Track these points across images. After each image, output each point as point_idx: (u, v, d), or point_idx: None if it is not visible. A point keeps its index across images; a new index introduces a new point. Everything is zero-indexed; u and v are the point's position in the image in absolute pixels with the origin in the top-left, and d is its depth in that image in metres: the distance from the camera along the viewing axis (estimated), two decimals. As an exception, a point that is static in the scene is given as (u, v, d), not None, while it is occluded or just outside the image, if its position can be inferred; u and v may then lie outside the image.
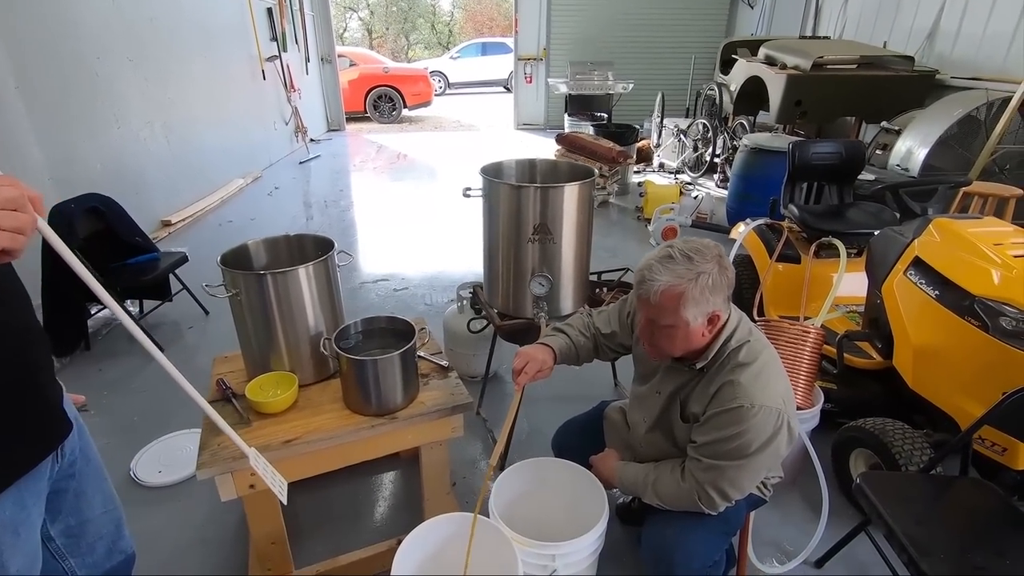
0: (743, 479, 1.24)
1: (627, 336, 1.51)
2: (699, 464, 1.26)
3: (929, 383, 1.84)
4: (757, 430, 1.17)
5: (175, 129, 4.84)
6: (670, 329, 1.19)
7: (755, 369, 1.20)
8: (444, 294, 3.55)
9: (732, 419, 1.18)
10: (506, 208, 1.75)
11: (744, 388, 1.18)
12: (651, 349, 1.30)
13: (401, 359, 1.46)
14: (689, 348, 1.24)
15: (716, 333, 1.24)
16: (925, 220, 2.02)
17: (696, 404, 1.28)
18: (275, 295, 1.50)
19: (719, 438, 1.21)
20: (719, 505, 1.27)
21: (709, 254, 1.17)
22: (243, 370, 1.66)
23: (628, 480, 1.42)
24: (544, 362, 1.43)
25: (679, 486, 1.30)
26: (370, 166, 7.12)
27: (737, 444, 1.19)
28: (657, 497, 1.34)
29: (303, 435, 1.42)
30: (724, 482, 1.23)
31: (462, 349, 2.53)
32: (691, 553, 1.29)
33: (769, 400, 1.17)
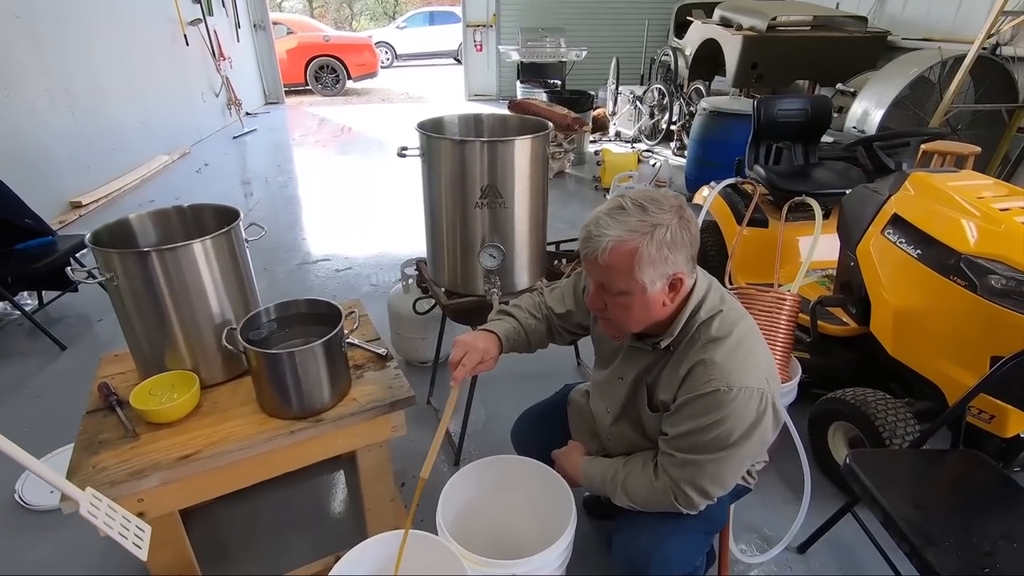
0: (725, 473, 1.06)
1: (584, 314, 1.31)
2: (673, 459, 1.07)
3: (910, 349, 1.72)
4: (738, 416, 0.99)
5: (80, 99, 4.31)
6: (624, 297, 1.00)
7: (731, 344, 1.01)
8: (392, 273, 3.28)
9: (707, 405, 1.00)
10: (449, 168, 1.50)
11: (719, 367, 0.99)
12: (605, 324, 1.10)
13: (324, 349, 1.21)
14: (649, 321, 1.04)
15: (681, 303, 1.04)
16: (901, 175, 1.89)
17: (665, 390, 1.09)
18: (164, 278, 1.21)
19: (694, 428, 1.02)
20: (699, 504, 1.09)
21: (666, 204, 0.97)
22: (136, 371, 1.37)
23: (595, 479, 1.22)
24: (486, 351, 1.21)
25: (652, 485, 1.11)
26: (311, 140, 6.65)
27: (715, 434, 1.00)
28: (628, 498, 1.15)
29: (204, 448, 1.16)
30: (703, 478, 1.05)
31: (409, 333, 2.28)
32: (669, 560, 1.11)
33: (749, 379, 0.99)
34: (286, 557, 1.57)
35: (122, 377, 1.38)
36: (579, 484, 1.27)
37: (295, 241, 3.81)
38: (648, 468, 1.13)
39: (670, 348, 1.07)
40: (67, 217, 3.95)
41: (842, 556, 1.60)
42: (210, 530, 1.67)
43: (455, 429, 2.03)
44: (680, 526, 1.14)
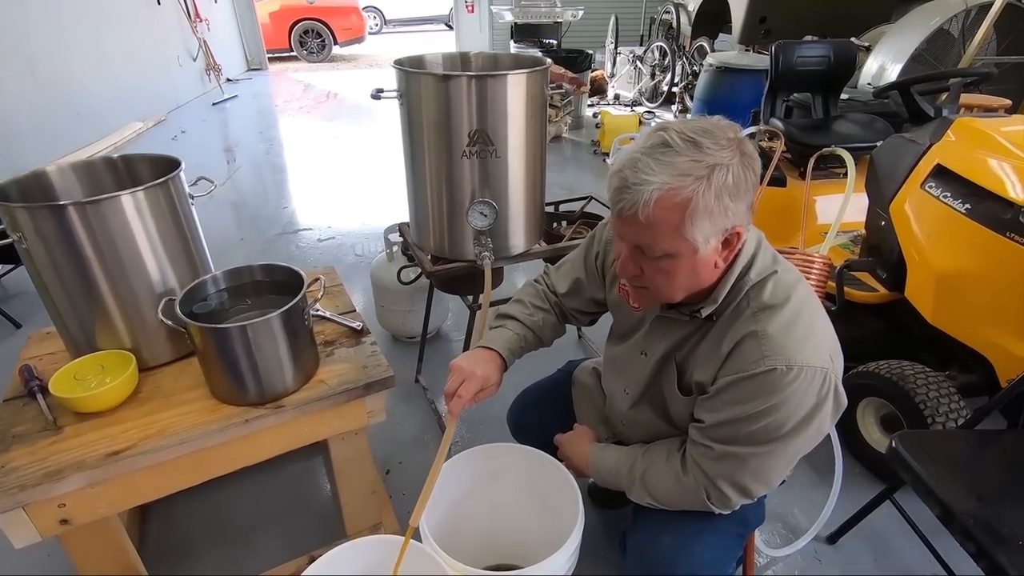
0: (772, 469, 0.88)
1: (597, 286, 1.11)
2: (708, 452, 0.89)
3: (954, 316, 1.54)
4: (795, 402, 0.80)
5: (41, 62, 4.00)
6: (668, 261, 0.79)
7: (788, 313, 0.82)
8: (378, 243, 3.06)
9: (758, 388, 0.80)
10: (431, 110, 1.27)
11: (774, 342, 0.80)
12: (637, 294, 0.89)
13: (283, 322, 1.01)
14: (695, 288, 0.84)
15: (731, 262, 0.84)
16: (944, 121, 1.67)
17: (702, 369, 0.89)
18: (88, 239, 1.01)
19: (739, 416, 0.83)
20: (736, 504, 0.91)
21: (723, 136, 0.75)
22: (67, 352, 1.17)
23: (607, 469, 1.04)
24: (487, 379, 1.01)
25: (679, 480, 0.93)
26: (295, 107, 6.33)
27: (765, 423, 0.82)
28: (649, 494, 0.97)
29: (139, 442, 0.97)
30: (745, 475, 0.87)
31: (395, 305, 2.09)
32: (697, 566, 0.94)
33: (811, 357, 0.79)
34: (255, 558, 1.40)
35: (52, 359, 1.19)
36: (587, 475, 1.09)
37: (276, 210, 3.58)
38: (674, 459, 0.95)
39: (712, 318, 0.88)
40: (31, 187, 3.69)
41: (877, 546, 1.44)
42: (169, 527, 1.50)
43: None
44: (709, 526, 0.96)
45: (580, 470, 1.09)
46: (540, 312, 1.14)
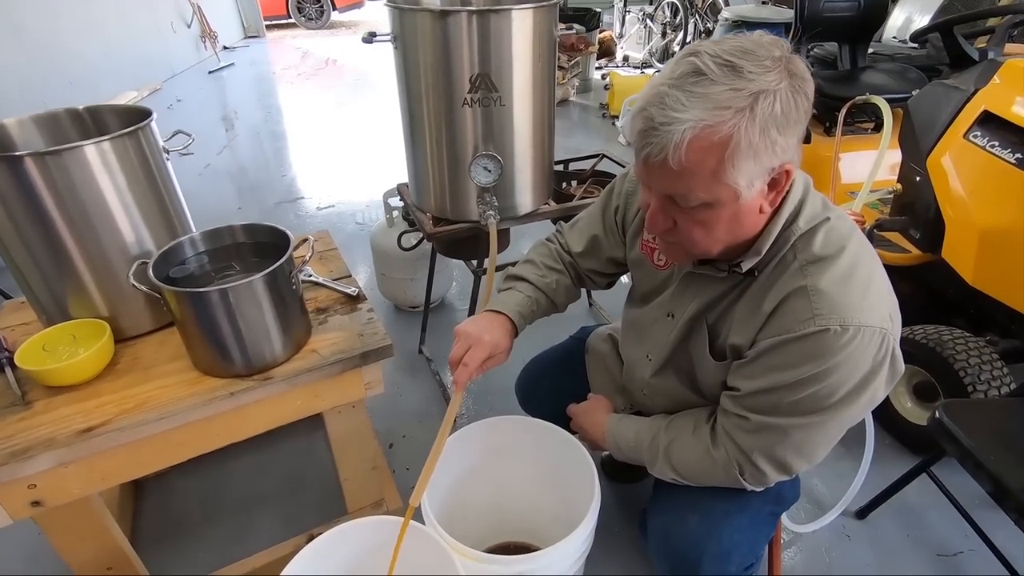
0: (816, 444, 0.78)
1: (616, 244, 1.00)
2: (745, 423, 0.79)
3: (997, 276, 1.42)
4: (849, 367, 0.70)
5: (28, 28, 3.85)
6: (706, 211, 0.68)
7: (843, 266, 0.71)
8: (379, 211, 2.95)
9: (808, 351, 0.70)
10: (428, 53, 1.15)
11: (827, 299, 0.69)
12: (668, 249, 0.79)
13: (267, 286, 0.92)
14: (737, 239, 0.73)
15: (777, 208, 0.73)
16: (991, 64, 1.53)
17: (739, 331, 0.79)
18: (51, 194, 0.91)
19: (782, 383, 0.73)
20: (771, 480, 0.82)
21: (767, 56, 0.62)
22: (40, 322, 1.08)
23: (626, 442, 0.95)
24: (496, 345, 0.91)
25: (709, 454, 0.84)
26: (294, 73, 6.14)
27: (813, 391, 0.71)
28: (673, 469, 0.88)
29: (115, 417, 0.89)
30: (786, 449, 0.78)
31: (396, 273, 1.99)
32: (728, 549, 0.86)
33: (870, 316, 0.69)
34: (254, 536, 1.34)
35: (25, 329, 1.10)
36: (603, 448, 1.00)
37: (275, 179, 3.46)
38: (702, 431, 0.86)
39: (753, 273, 0.77)
40: (23, 158, 3.59)
41: (909, 520, 1.36)
42: (165, 505, 1.44)
43: (448, 381, 1.77)
44: (741, 505, 0.88)
45: (596, 443, 1.00)
46: (553, 273, 1.04)
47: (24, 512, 0.87)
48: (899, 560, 1.28)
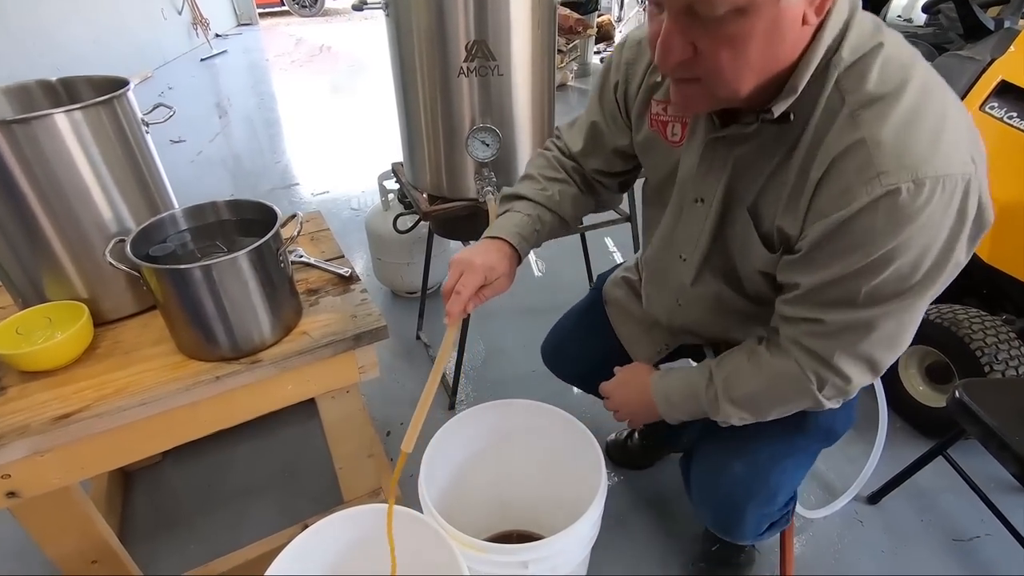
0: (905, 329, 0.66)
1: (620, 128, 0.86)
2: (817, 326, 0.67)
3: (1016, 254, 1.37)
4: (931, 230, 0.56)
5: (11, 13, 3.76)
6: (738, 23, 0.52)
7: (908, 104, 0.56)
8: (374, 196, 2.89)
9: (877, 224, 0.56)
10: (422, 18, 1.09)
11: (893, 150, 0.55)
12: (687, 96, 0.62)
13: (253, 263, 0.86)
14: (772, 69, 0.57)
15: (819, 27, 0.57)
16: (1008, 33, 1.48)
17: (787, 210, 0.65)
18: (20, 166, 0.85)
19: (853, 269, 0.60)
20: (857, 386, 0.71)
21: None
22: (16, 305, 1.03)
23: (679, 394, 0.84)
24: (491, 269, 0.80)
25: (776, 378, 0.73)
26: (287, 61, 6.05)
27: (894, 270, 0.59)
28: (736, 405, 0.78)
29: (94, 403, 0.84)
30: (873, 344, 0.66)
31: (392, 258, 1.94)
32: (773, 493, 0.83)
33: (947, 163, 0.55)
34: (248, 526, 1.29)
35: (1, 313, 1.05)
36: (650, 419, 0.90)
37: (268, 165, 3.40)
38: (759, 355, 0.76)
39: (788, 119, 0.61)
40: (11, 146, 3.52)
41: (923, 505, 1.32)
42: (155, 494, 1.39)
43: (449, 366, 1.72)
44: (787, 447, 0.83)
45: (639, 415, 0.92)
46: (555, 184, 0.91)
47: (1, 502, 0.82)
48: (913, 545, 1.25)
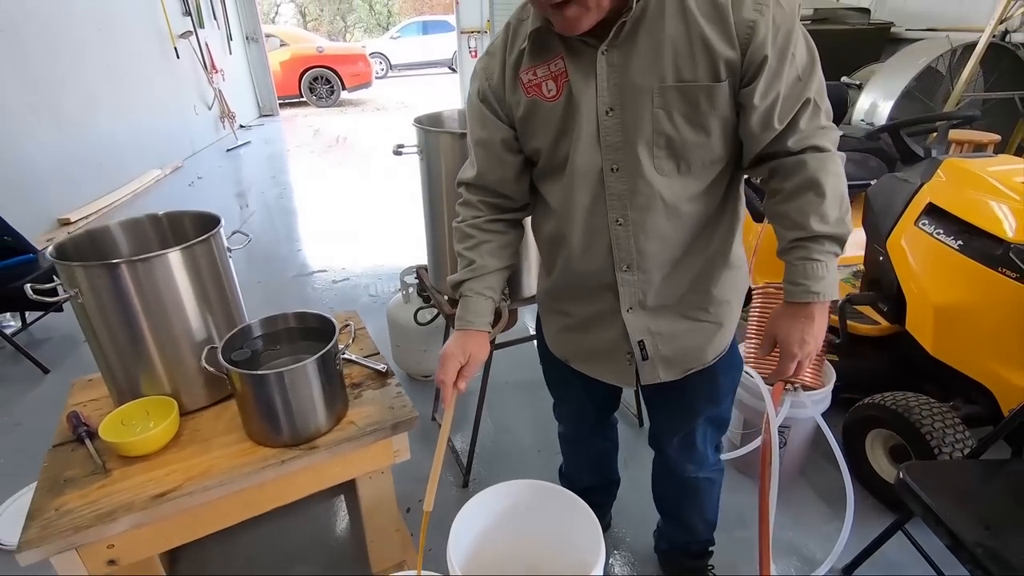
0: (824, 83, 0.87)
1: (499, 127, 0.96)
2: (803, 116, 0.85)
3: (955, 349, 1.59)
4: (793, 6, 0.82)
5: (68, 114, 4.20)
6: None
7: None
8: (390, 283, 3.15)
9: (784, 17, 0.80)
10: (449, 163, 1.37)
11: None
12: (565, 14, 0.78)
13: (317, 368, 1.08)
14: None
15: None
16: (933, 162, 1.76)
17: (718, 34, 0.80)
18: (137, 293, 1.09)
19: (786, 60, 0.81)
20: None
21: None
22: (110, 397, 1.24)
23: (826, 283, 0.89)
24: (465, 353, 0.98)
25: (821, 172, 0.86)
26: (306, 151, 6.55)
27: (805, 43, 0.83)
28: (843, 221, 0.89)
29: (184, 483, 1.03)
30: (824, 99, 0.87)
31: (410, 345, 2.15)
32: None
33: None
34: (283, 596, 1.43)
35: (95, 405, 1.25)
36: (827, 320, 0.94)
37: (290, 253, 3.69)
38: (801, 194, 0.87)
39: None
40: (55, 235, 3.83)
41: (891, 574, 1.46)
42: (197, 567, 1.53)
43: (462, 447, 1.90)
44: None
45: (821, 330, 0.93)
46: (478, 250, 1.02)
47: (101, 571, 0.99)
48: (885, 615, 1.38)
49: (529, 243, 1.48)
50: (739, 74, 0.82)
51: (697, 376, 1.06)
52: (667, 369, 1.03)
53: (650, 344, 1.01)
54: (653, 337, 1.00)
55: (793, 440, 1.66)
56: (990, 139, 2.91)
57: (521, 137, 0.96)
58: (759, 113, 0.84)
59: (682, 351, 1.02)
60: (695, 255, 0.96)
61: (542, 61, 0.88)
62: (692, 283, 0.98)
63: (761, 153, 0.88)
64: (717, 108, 0.84)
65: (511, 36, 0.92)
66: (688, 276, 0.97)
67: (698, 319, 1.01)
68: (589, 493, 1.18)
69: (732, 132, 0.89)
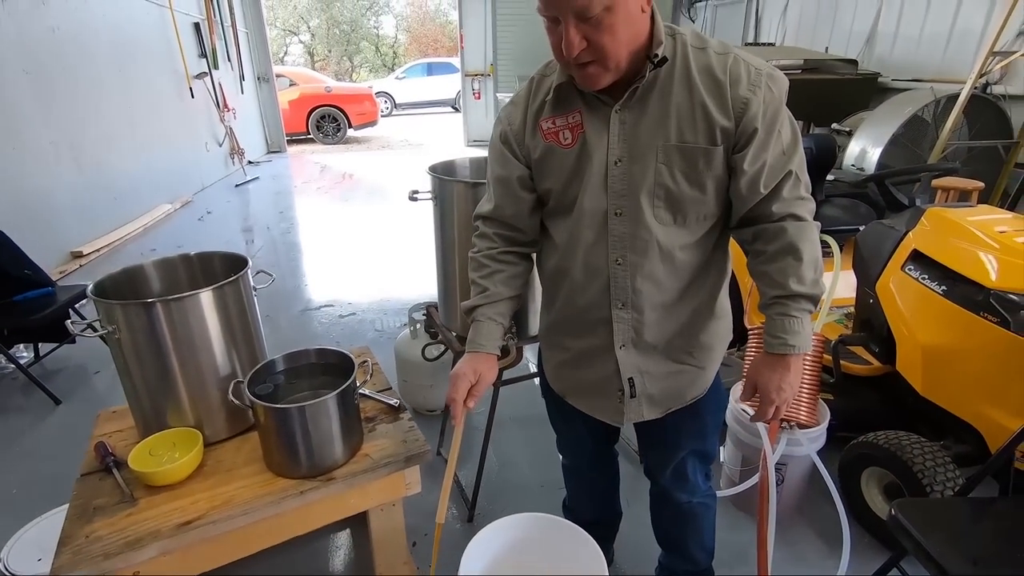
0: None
1: (517, 166, 1.05)
2: (785, 185, 0.95)
3: (943, 389, 1.65)
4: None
5: (87, 151, 4.35)
6: (609, 16, 0.83)
7: (719, 43, 0.95)
8: (396, 318, 3.22)
9: (773, 99, 0.92)
10: (461, 210, 1.47)
11: (749, 58, 0.93)
12: (588, 73, 0.89)
13: (337, 403, 1.14)
14: (635, 41, 0.89)
15: (652, 16, 0.92)
16: (917, 211, 1.86)
17: (717, 107, 0.92)
18: (169, 330, 1.16)
19: (773, 135, 0.93)
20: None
21: None
22: (135, 428, 1.29)
23: (791, 328, 0.97)
24: (476, 373, 1.06)
25: (797, 238, 0.96)
26: (313, 187, 6.71)
27: (789, 123, 0.96)
28: (816, 271, 0.98)
29: (207, 512, 1.08)
30: (803, 171, 0.99)
31: (417, 380, 2.21)
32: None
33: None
34: (291, 629, 1.45)
35: (120, 435, 1.31)
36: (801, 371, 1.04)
37: (298, 288, 3.77)
38: (787, 247, 0.96)
39: (666, 60, 0.92)
40: (68, 267, 3.92)
41: (889, 615, 1.48)
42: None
43: (468, 483, 1.93)
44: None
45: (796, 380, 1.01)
46: (492, 279, 1.09)
47: (129, 597, 1.03)
48: (883, 654, 1.40)
49: (535, 285, 1.56)
50: (732, 141, 0.94)
51: (680, 414, 1.15)
52: (650, 407, 1.12)
53: (639, 382, 1.09)
54: (642, 375, 1.09)
55: (790, 477, 1.71)
56: (974, 186, 3.03)
57: (536, 177, 1.05)
58: (748, 177, 0.94)
59: (666, 391, 1.11)
60: (685, 303, 1.05)
61: (561, 113, 0.99)
62: (680, 328, 1.07)
63: (747, 215, 0.99)
64: (712, 168, 0.95)
65: (534, 88, 1.04)
66: (677, 321, 1.06)
67: (683, 362, 1.10)
68: (592, 526, 1.22)
69: (724, 192, 0.99)
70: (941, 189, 3.11)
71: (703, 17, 7.93)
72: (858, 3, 5.30)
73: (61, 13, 4.14)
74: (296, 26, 21.33)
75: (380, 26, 23.29)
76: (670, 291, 1.03)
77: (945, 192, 3.11)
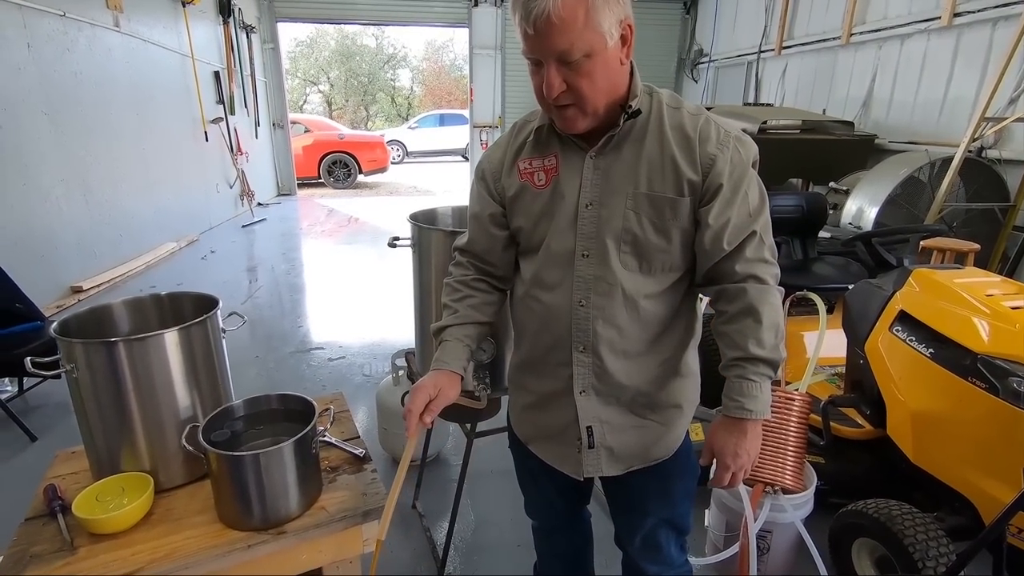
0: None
1: (492, 204, 1.08)
2: (750, 245, 0.96)
3: (934, 456, 1.59)
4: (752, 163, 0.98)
5: (95, 189, 4.45)
6: (588, 62, 0.86)
7: (693, 106, 0.98)
8: (386, 364, 3.18)
9: (740, 160, 0.95)
10: (439, 259, 1.47)
11: (722, 122, 0.97)
12: (567, 117, 0.92)
13: (293, 451, 1.11)
14: (614, 89, 0.92)
15: (631, 70, 0.96)
16: (904, 271, 1.85)
17: (686, 161, 0.94)
18: (130, 371, 1.14)
19: (739, 194, 0.95)
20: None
21: None
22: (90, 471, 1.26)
23: (750, 393, 0.96)
24: (436, 387, 1.04)
25: (758, 303, 0.95)
26: (318, 230, 6.81)
27: (756, 184, 0.98)
28: (777, 335, 0.96)
29: (147, 565, 1.02)
30: (768, 234, 1.00)
31: (397, 429, 2.16)
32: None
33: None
34: None
35: (74, 478, 1.27)
36: (759, 437, 1.01)
37: (292, 328, 3.76)
38: (747, 310, 0.96)
39: (639, 113, 0.96)
40: (66, 302, 3.94)
41: None
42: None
43: (439, 539, 1.85)
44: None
45: (755, 447, 1.00)
46: (463, 303, 1.12)
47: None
48: None
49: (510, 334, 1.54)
50: (699, 195, 0.96)
51: (645, 475, 1.10)
52: (610, 462, 1.08)
53: (598, 432, 1.05)
54: (601, 425, 1.05)
55: (776, 546, 1.63)
56: (970, 247, 3.02)
57: (509, 215, 1.08)
58: (712, 231, 0.95)
59: (626, 446, 1.07)
60: (649, 356, 1.03)
61: (539, 155, 1.03)
62: (643, 381, 1.04)
63: (711, 272, 0.99)
64: (679, 219, 0.97)
65: (516, 132, 1.08)
66: (640, 374, 1.04)
67: (645, 417, 1.07)
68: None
69: (690, 246, 0.99)
70: (936, 250, 3.10)
71: (706, 78, 8.19)
72: (854, 70, 5.46)
73: (85, 59, 4.33)
74: (316, 76, 22.24)
75: (397, 78, 24.24)
76: (633, 340, 1.01)
77: (940, 253, 3.10)
